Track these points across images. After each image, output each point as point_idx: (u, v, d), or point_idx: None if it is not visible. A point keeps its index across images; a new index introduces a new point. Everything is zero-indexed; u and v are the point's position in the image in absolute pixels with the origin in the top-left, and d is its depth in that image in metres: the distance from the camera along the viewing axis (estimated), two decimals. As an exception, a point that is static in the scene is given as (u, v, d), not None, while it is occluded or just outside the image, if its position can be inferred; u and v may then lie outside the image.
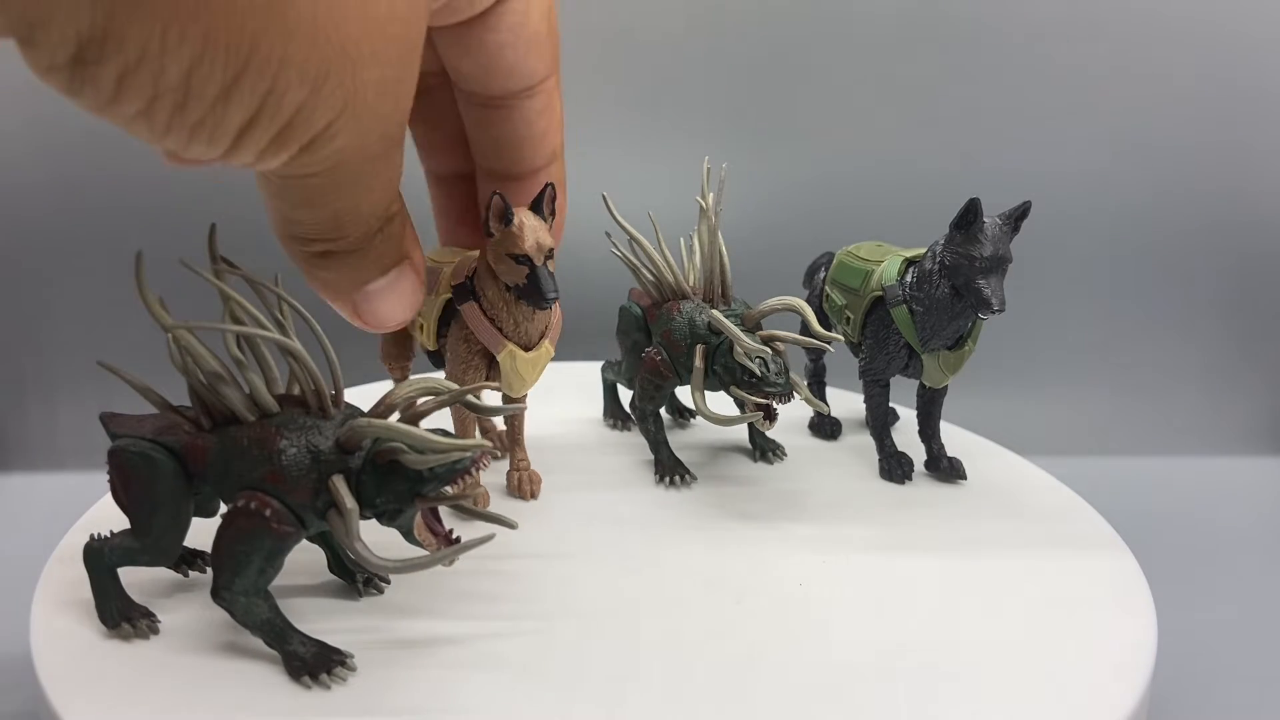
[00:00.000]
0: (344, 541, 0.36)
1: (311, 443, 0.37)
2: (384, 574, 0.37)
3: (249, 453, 0.37)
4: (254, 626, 0.39)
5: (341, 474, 0.36)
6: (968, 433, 0.70)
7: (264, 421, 0.38)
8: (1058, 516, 0.57)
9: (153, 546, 0.40)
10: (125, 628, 0.41)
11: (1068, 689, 0.40)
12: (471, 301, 0.50)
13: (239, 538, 0.37)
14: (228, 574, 0.38)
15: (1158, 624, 0.45)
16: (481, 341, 0.50)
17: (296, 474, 0.37)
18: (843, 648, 0.42)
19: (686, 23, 0.89)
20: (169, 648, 0.41)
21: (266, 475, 0.37)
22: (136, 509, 0.40)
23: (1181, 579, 0.60)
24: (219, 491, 0.39)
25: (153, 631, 0.41)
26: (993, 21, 0.88)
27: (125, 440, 0.40)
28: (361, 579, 0.45)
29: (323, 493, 0.37)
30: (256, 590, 0.38)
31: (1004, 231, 0.54)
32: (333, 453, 0.37)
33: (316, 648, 0.39)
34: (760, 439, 0.65)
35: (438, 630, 0.43)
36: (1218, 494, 0.82)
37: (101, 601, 0.41)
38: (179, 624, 0.42)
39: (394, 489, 0.36)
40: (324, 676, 0.38)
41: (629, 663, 0.41)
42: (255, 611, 0.38)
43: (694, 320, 0.57)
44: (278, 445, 0.37)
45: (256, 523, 0.37)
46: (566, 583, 0.47)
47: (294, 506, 0.37)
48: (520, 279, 0.48)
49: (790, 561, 0.50)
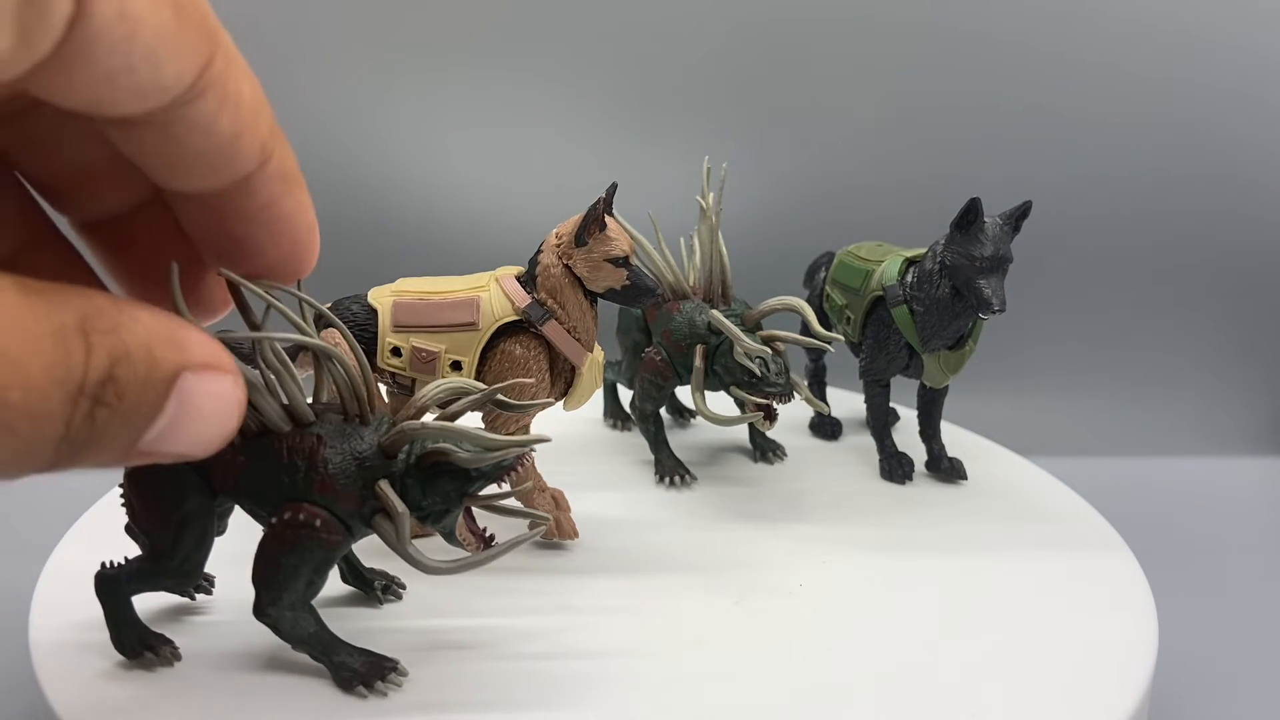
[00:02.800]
0: (394, 546, 0.36)
1: (355, 449, 0.36)
2: (438, 575, 0.37)
3: (292, 464, 0.36)
4: (301, 641, 0.38)
5: (386, 479, 0.36)
6: (968, 433, 0.70)
7: (303, 431, 0.36)
8: (1058, 516, 0.57)
9: (176, 569, 0.38)
10: (148, 656, 0.39)
11: (1068, 689, 0.40)
12: (551, 320, 0.49)
13: (287, 550, 0.36)
14: (275, 589, 0.37)
15: (1158, 624, 0.45)
16: (566, 356, 0.49)
17: (344, 482, 0.36)
18: (843, 648, 0.42)
19: (686, 22, 0.88)
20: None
21: (313, 485, 0.36)
22: (158, 530, 0.38)
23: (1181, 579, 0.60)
24: (255, 506, 0.38)
25: (175, 659, 0.39)
26: (993, 22, 0.88)
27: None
28: (380, 586, 0.45)
29: (369, 499, 0.36)
30: (304, 604, 0.37)
31: (1004, 231, 0.54)
32: (376, 458, 0.36)
33: (366, 657, 0.38)
34: (760, 439, 0.65)
35: (444, 632, 0.43)
36: (1218, 494, 0.82)
37: (118, 631, 0.39)
38: (167, 620, 0.42)
39: (441, 490, 0.36)
40: (379, 685, 0.38)
41: (629, 663, 0.41)
42: (302, 625, 0.38)
43: (694, 320, 0.57)
44: (322, 454, 0.36)
45: (306, 534, 0.36)
46: (566, 582, 0.47)
47: (342, 515, 0.36)
48: (620, 282, 0.48)
49: (790, 561, 0.50)
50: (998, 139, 0.91)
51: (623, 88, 0.90)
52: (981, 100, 0.90)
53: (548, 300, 0.49)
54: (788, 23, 0.89)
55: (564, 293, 0.48)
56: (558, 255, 0.48)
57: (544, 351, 0.49)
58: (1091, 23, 0.88)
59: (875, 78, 0.90)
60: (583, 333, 0.49)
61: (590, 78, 0.89)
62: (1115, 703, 0.39)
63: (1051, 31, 0.88)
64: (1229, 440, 0.91)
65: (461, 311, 0.48)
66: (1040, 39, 0.89)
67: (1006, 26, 0.88)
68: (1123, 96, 0.90)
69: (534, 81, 0.88)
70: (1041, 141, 0.90)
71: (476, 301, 0.48)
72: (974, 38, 0.89)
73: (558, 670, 0.40)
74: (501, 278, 0.50)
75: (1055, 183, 0.90)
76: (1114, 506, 0.58)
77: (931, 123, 0.91)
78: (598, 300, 0.50)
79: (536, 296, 0.49)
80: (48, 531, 0.51)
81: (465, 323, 0.48)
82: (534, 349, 0.49)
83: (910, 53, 0.89)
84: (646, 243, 0.58)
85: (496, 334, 0.48)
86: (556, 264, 0.48)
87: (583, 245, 0.47)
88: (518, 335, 0.49)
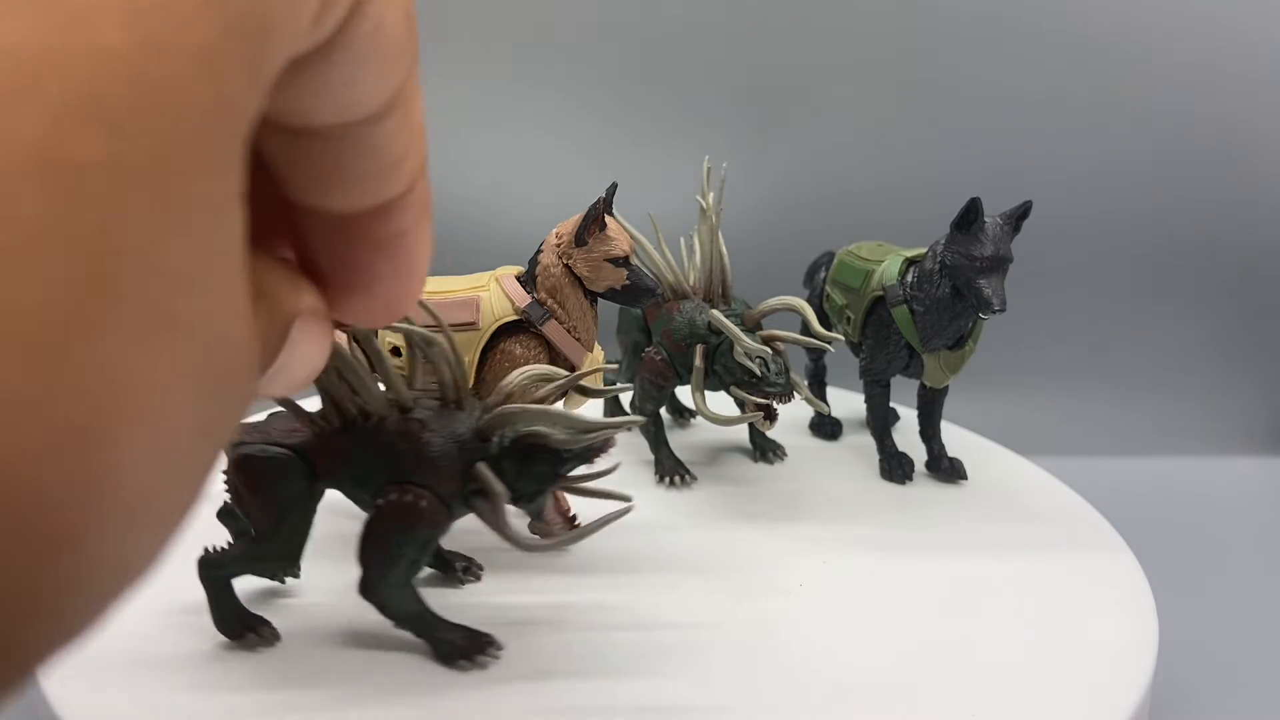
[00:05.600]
0: (492, 525, 0.37)
1: (455, 433, 0.38)
2: (538, 552, 0.39)
3: (395, 448, 0.38)
4: (405, 617, 0.39)
5: (484, 461, 0.38)
6: (968, 433, 0.70)
7: (405, 417, 0.38)
8: (1058, 516, 0.57)
9: (278, 551, 0.40)
10: (251, 637, 0.40)
11: (1068, 689, 0.40)
12: (551, 320, 0.49)
13: (394, 530, 0.38)
14: (382, 568, 0.38)
15: (1158, 624, 0.45)
16: (566, 356, 0.49)
17: (446, 464, 0.38)
18: (843, 648, 0.42)
19: (687, 23, 0.88)
20: (167, 645, 0.40)
21: (418, 467, 0.38)
22: (263, 514, 0.39)
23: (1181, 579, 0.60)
24: (356, 489, 0.39)
25: (275, 638, 0.41)
26: (994, 22, 0.88)
27: (251, 445, 0.39)
28: (461, 568, 0.46)
29: (468, 481, 0.38)
30: (407, 581, 0.39)
31: (1005, 231, 0.54)
32: (474, 441, 0.38)
33: (465, 632, 0.40)
34: (760, 439, 0.65)
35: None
36: (1218, 494, 0.82)
37: (222, 614, 0.40)
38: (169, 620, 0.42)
39: (535, 471, 0.38)
40: (479, 658, 0.40)
41: (629, 663, 0.41)
42: (407, 603, 0.39)
43: (694, 320, 0.57)
44: (425, 438, 0.38)
45: (412, 514, 0.38)
46: (566, 582, 0.47)
47: (444, 496, 0.38)
48: (621, 281, 0.48)
49: (790, 561, 0.50)
50: (998, 139, 0.91)
51: (623, 88, 0.90)
52: (982, 101, 0.90)
53: (548, 300, 0.49)
54: (788, 24, 0.89)
55: (564, 293, 0.49)
56: (558, 255, 0.48)
57: (544, 351, 0.49)
58: (1092, 22, 0.88)
59: (875, 78, 0.90)
60: (583, 332, 0.49)
61: (591, 78, 0.89)
62: (1115, 703, 0.39)
63: (1052, 31, 0.88)
64: (1229, 440, 0.91)
65: (462, 311, 0.48)
66: (1041, 39, 0.89)
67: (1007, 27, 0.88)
68: (1123, 97, 0.90)
69: (534, 82, 0.88)
70: (1042, 142, 0.90)
71: (476, 301, 0.49)
72: (974, 38, 0.89)
73: (557, 670, 0.40)
74: (501, 278, 0.50)
75: (1056, 182, 0.90)
76: (1114, 506, 0.58)
77: (931, 123, 0.91)
78: (598, 300, 0.50)
79: (536, 296, 0.49)
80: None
81: (465, 322, 0.48)
82: (534, 349, 0.49)
83: (910, 53, 0.89)
84: (646, 243, 0.58)
85: (497, 334, 0.49)
86: (556, 264, 0.48)
87: (583, 245, 0.47)
88: (518, 335, 0.49)
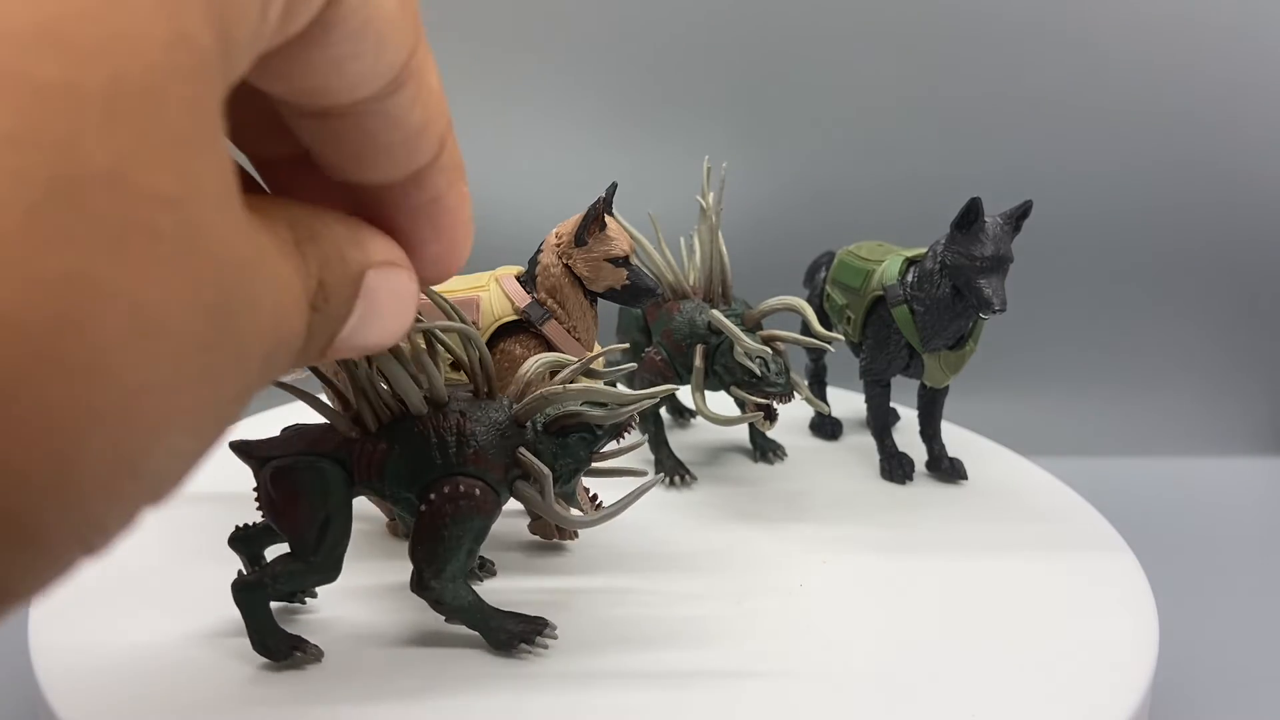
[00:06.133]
0: (539, 507, 0.39)
1: (495, 421, 0.39)
2: (586, 527, 0.41)
3: (442, 441, 0.38)
4: (461, 610, 0.40)
5: (523, 446, 0.39)
6: (969, 433, 0.70)
7: (444, 411, 0.39)
8: (1058, 516, 0.57)
9: (322, 564, 0.39)
10: (297, 656, 0.39)
11: (1068, 689, 0.40)
12: (551, 320, 0.49)
13: (450, 523, 0.38)
14: (439, 562, 0.39)
15: (1158, 624, 0.45)
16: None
17: (493, 452, 0.39)
18: (842, 648, 0.42)
19: (687, 22, 0.88)
20: (166, 646, 0.41)
21: (466, 458, 0.38)
22: (305, 527, 0.38)
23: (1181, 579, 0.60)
24: (399, 489, 0.39)
25: (320, 655, 0.40)
26: (994, 21, 0.88)
27: (287, 459, 0.38)
28: (475, 565, 0.47)
29: (512, 466, 0.39)
30: (463, 572, 0.39)
31: (1005, 231, 0.54)
32: (512, 428, 0.39)
33: (519, 619, 0.41)
34: (761, 440, 0.65)
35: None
36: (1218, 494, 0.82)
37: (263, 637, 0.39)
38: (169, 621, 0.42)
39: (572, 451, 0.39)
40: (539, 640, 0.40)
41: (629, 663, 0.41)
42: (463, 595, 0.40)
43: (694, 320, 0.57)
44: (470, 428, 0.38)
45: (468, 504, 0.38)
46: (565, 582, 0.47)
47: (493, 484, 0.39)
48: (620, 281, 0.48)
49: (790, 561, 0.50)
50: (998, 138, 0.91)
51: (623, 88, 0.90)
52: (982, 100, 0.90)
53: (547, 300, 0.49)
54: (788, 23, 0.89)
55: (564, 292, 0.48)
56: (558, 255, 0.48)
57: (544, 351, 0.49)
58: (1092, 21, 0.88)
59: (875, 78, 0.90)
60: (582, 332, 0.49)
61: (590, 78, 0.89)
62: (1115, 703, 0.39)
63: (1052, 31, 0.88)
64: (1229, 440, 0.91)
65: (461, 311, 0.48)
66: (1041, 38, 0.89)
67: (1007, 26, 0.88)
68: (1124, 96, 0.90)
69: (534, 81, 0.88)
70: (1042, 141, 0.90)
71: (476, 301, 0.49)
72: (974, 37, 0.89)
73: (557, 669, 0.40)
74: (501, 278, 0.50)
75: (1056, 182, 0.90)
76: (1114, 506, 0.58)
77: (931, 122, 0.91)
78: (597, 300, 0.50)
79: (536, 296, 0.49)
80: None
81: None
82: (534, 349, 0.49)
83: (910, 53, 0.89)
84: (646, 242, 0.58)
85: (496, 334, 0.49)
86: (556, 264, 0.48)
87: (583, 245, 0.47)
88: (518, 335, 0.49)
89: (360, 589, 0.45)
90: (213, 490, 0.44)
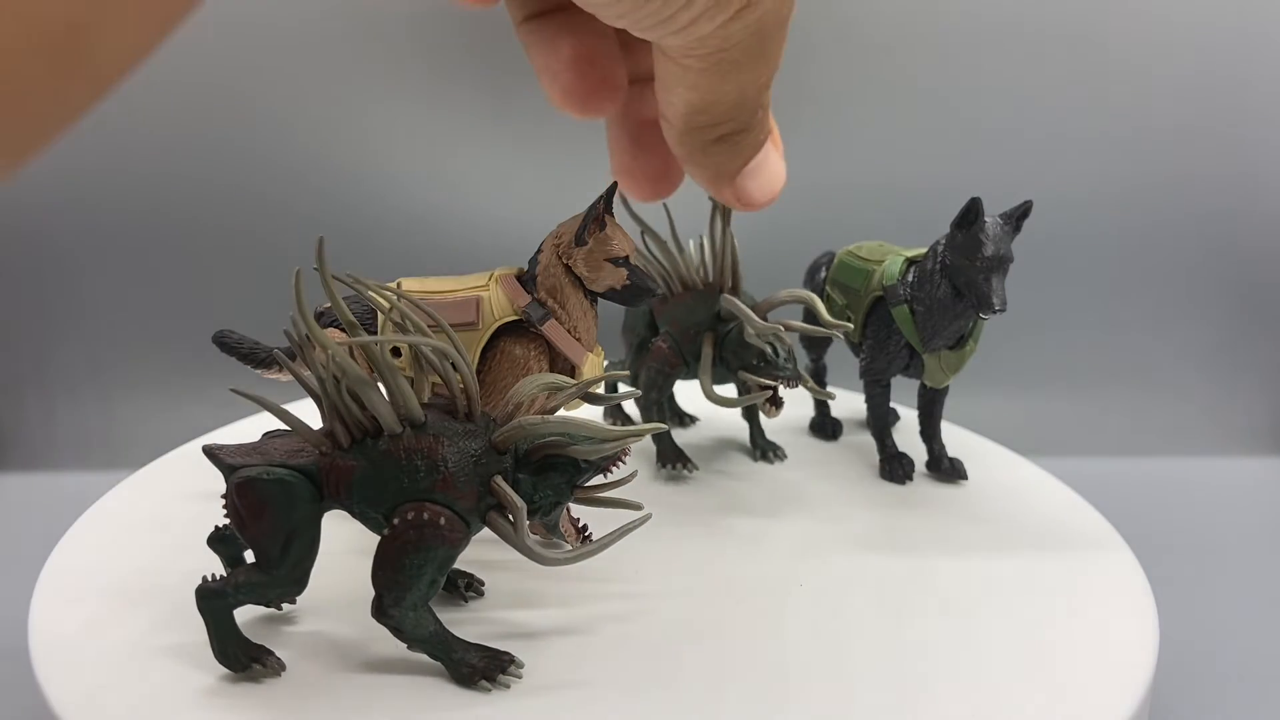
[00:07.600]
0: (511, 540, 0.37)
1: (470, 447, 0.37)
2: (556, 565, 0.38)
3: (410, 464, 0.36)
4: (421, 640, 0.38)
5: (499, 474, 0.37)
6: (969, 433, 0.70)
7: (417, 432, 0.37)
8: (1058, 516, 0.57)
9: (285, 578, 0.38)
10: (256, 668, 0.38)
11: (1068, 689, 0.40)
12: (551, 320, 0.49)
13: (411, 550, 0.36)
14: (399, 589, 0.37)
15: (1158, 624, 0.45)
16: (566, 356, 0.49)
17: (463, 480, 0.37)
18: (843, 647, 0.42)
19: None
20: (164, 647, 0.41)
21: (435, 484, 0.36)
22: (269, 540, 0.37)
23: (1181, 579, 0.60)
24: (367, 509, 0.38)
25: (281, 669, 0.39)
26: (995, 22, 0.88)
27: (254, 469, 0.37)
28: (463, 584, 0.45)
29: (484, 495, 0.37)
30: (425, 603, 0.38)
31: (1005, 231, 0.54)
32: (488, 455, 0.37)
33: (483, 652, 0.39)
34: (760, 440, 0.65)
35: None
36: (1218, 494, 0.82)
37: (223, 645, 0.38)
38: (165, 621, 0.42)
39: (552, 483, 0.37)
40: (501, 678, 0.38)
41: (629, 663, 0.41)
42: (424, 624, 0.38)
43: (704, 308, 0.58)
44: (441, 453, 0.37)
45: (431, 533, 0.36)
46: (565, 582, 0.47)
47: (461, 512, 0.37)
48: (621, 281, 0.48)
49: (790, 561, 0.50)
50: (998, 139, 0.91)
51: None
52: (983, 101, 0.90)
53: (548, 300, 0.49)
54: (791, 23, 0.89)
55: (564, 292, 0.48)
56: (558, 255, 0.48)
57: (544, 351, 0.49)
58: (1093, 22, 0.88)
59: (875, 78, 0.90)
60: (583, 332, 0.49)
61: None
62: (1115, 703, 0.39)
63: (1054, 32, 0.88)
64: (1229, 440, 0.91)
65: (461, 311, 0.48)
66: (1041, 38, 0.88)
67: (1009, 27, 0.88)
68: (1124, 97, 0.89)
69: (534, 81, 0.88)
70: (1042, 141, 0.90)
71: (476, 301, 0.48)
72: (975, 38, 0.89)
73: (558, 669, 0.40)
74: (501, 278, 0.49)
75: (1056, 182, 0.90)
76: (1114, 506, 0.58)
77: (932, 123, 0.91)
78: (598, 300, 0.50)
79: (536, 296, 0.49)
80: (47, 533, 0.50)
81: (465, 323, 0.48)
82: (534, 349, 0.49)
83: (911, 53, 0.89)
84: (657, 234, 0.59)
85: (496, 334, 0.48)
86: (556, 264, 0.48)
87: (583, 245, 0.47)
88: (518, 335, 0.49)
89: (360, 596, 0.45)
90: (212, 490, 0.44)
